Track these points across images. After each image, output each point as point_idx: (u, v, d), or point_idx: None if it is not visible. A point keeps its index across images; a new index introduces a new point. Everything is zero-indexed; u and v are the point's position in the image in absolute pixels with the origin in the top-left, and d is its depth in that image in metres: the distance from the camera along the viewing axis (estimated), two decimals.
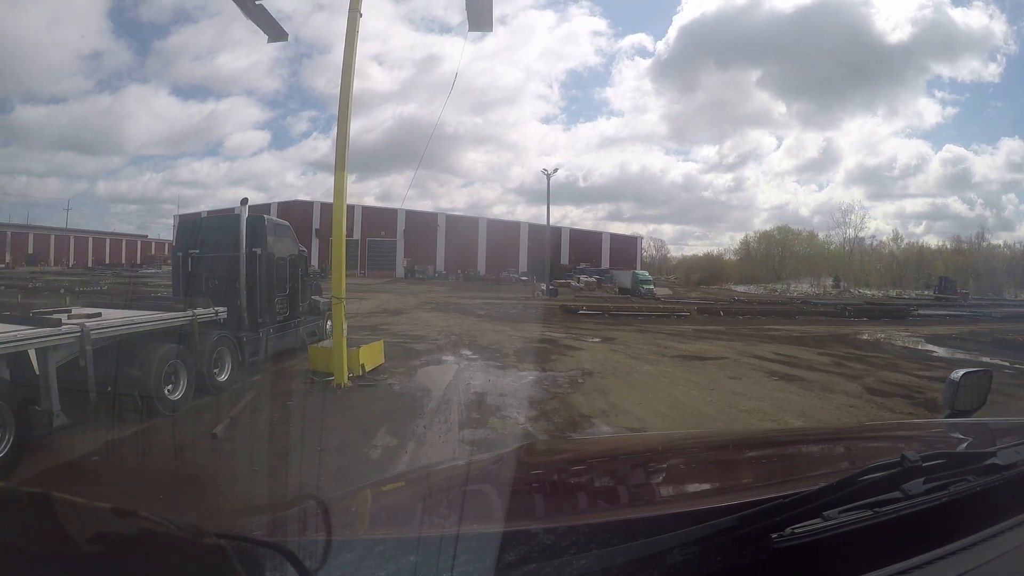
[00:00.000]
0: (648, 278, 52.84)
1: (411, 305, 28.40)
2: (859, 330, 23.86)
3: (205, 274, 10.63)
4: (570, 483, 1.72)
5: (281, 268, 11.22)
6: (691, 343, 17.06)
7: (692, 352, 15.03)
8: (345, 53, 9.73)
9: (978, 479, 1.20)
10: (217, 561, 0.80)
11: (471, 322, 20.73)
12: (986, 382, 2.45)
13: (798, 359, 14.69)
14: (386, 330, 17.32)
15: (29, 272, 48.18)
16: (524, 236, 69.99)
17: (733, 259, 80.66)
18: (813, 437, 2.62)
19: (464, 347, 14.20)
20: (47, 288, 29.28)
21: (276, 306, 11.04)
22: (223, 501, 4.67)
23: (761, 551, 0.97)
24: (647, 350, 14.88)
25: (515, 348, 14.13)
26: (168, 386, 8.01)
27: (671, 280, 69.21)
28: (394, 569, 0.97)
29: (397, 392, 9.17)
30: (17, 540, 0.79)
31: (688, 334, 19.54)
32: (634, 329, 20.41)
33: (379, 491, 1.88)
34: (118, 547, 0.80)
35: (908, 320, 29.34)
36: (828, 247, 76.88)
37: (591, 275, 58.97)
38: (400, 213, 71.41)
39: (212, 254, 10.66)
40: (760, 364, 13.55)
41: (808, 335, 21.17)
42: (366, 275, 64.39)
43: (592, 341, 16.37)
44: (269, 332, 10.66)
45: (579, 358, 12.98)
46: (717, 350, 15.66)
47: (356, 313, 23.59)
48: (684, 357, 14.04)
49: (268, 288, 10.70)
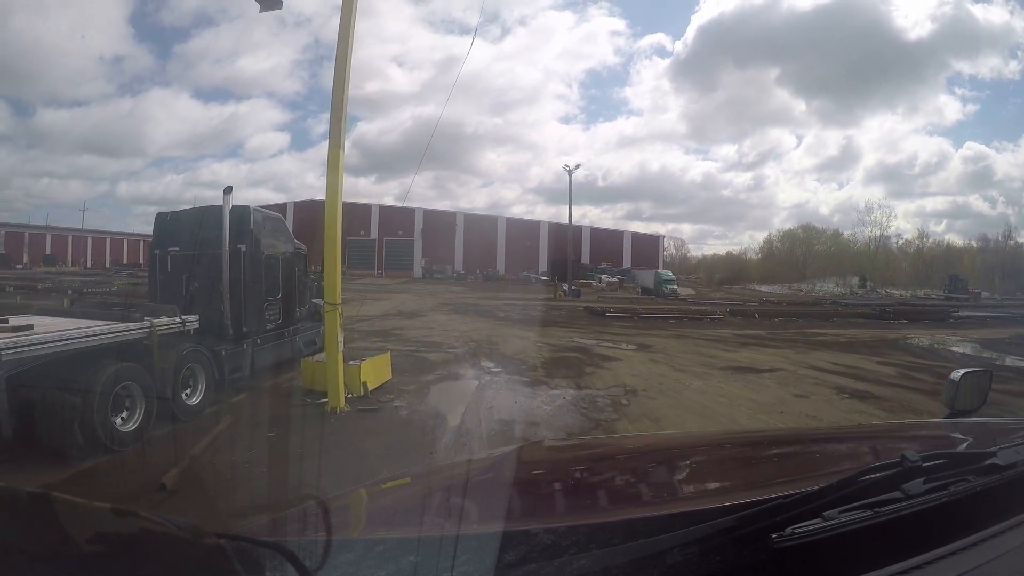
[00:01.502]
0: (671, 278, 51.52)
1: (428, 307, 26.94)
2: (905, 334, 21.92)
3: (186, 275, 9.12)
4: (570, 483, 1.69)
5: (273, 268, 9.64)
6: (736, 351, 15.25)
7: (742, 362, 13.23)
8: (342, 15, 8.12)
9: (978, 479, 1.18)
10: (217, 561, 0.80)
11: (491, 326, 19.04)
12: (986, 382, 2.45)
13: (861, 370, 12.90)
14: (398, 336, 15.79)
15: (45, 272, 48.25)
16: (544, 235, 68.92)
17: (755, 258, 79.40)
18: (813, 437, 2.54)
19: (485, 357, 12.50)
20: (54, 289, 28.62)
21: (267, 312, 9.47)
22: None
23: (761, 551, 0.96)
24: (691, 360, 13.10)
25: (543, 358, 12.41)
26: (120, 414, 6.52)
27: (693, 280, 67.21)
28: (394, 569, 0.97)
29: (404, 419, 7.51)
30: (17, 540, 0.79)
31: (729, 340, 17.73)
32: (669, 334, 18.61)
33: (379, 491, 1.85)
34: (118, 547, 0.80)
35: (949, 322, 27.69)
36: (853, 246, 75.15)
37: (613, 275, 58.26)
38: (418, 212, 70.61)
39: (193, 252, 9.15)
40: (822, 377, 11.81)
41: (857, 340, 19.46)
42: (383, 275, 63.65)
43: (627, 349, 14.58)
44: (256, 343, 9.09)
45: (617, 371, 11.23)
46: (768, 359, 13.87)
47: (369, 316, 22.19)
48: (735, 369, 12.25)
49: (255, 291, 9.13)
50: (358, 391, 8.15)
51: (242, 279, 8.83)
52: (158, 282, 9.42)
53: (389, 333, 16.33)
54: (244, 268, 8.86)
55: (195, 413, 7.42)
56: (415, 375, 10.07)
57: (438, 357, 12.11)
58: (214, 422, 7.17)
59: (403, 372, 10.03)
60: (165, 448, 6.33)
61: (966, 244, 73.54)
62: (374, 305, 27.89)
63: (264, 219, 9.61)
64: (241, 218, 9.02)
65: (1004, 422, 2.25)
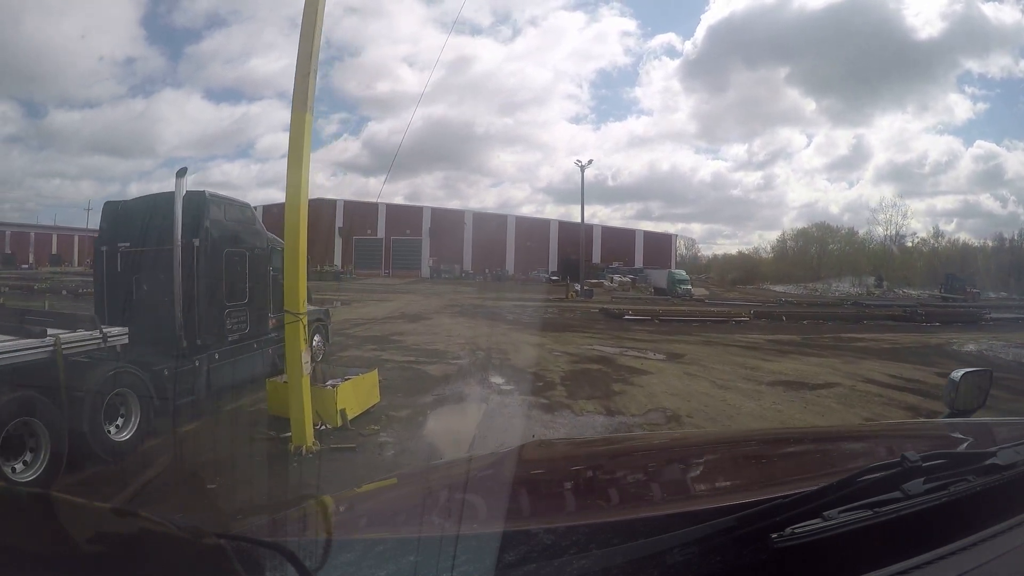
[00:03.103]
0: (685, 278, 50.38)
1: (433, 308, 25.32)
2: (946, 339, 20.05)
3: (135, 277, 7.53)
4: (570, 483, 1.70)
5: (237, 266, 7.99)
6: (776, 360, 13.47)
7: (788, 375, 11.47)
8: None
9: (978, 479, 1.17)
10: (217, 561, 0.80)
11: (501, 331, 17.30)
12: (986, 382, 2.43)
13: (923, 384, 11.07)
14: (397, 343, 14.12)
15: (50, 272, 47.77)
16: (554, 234, 67.75)
17: (768, 258, 78.25)
18: (813, 437, 2.48)
19: (494, 370, 10.75)
20: (50, 289, 27.59)
21: (228, 320, 7.83)
22: None
23: (761, 551, 0.95)
24: (732, 373, 11.32)
25: (561, 371, 10.67)
26: (20, 459, 4.98)
27: (706, 279, 65.69)
28: (394, 569, 0.97)
29: (388, 462, 5.80)
30: (17, 540, 0.79)
31: (763, 346, 15.96)
32: (698, 340, 16.84)
33: (379, 491, 1.85)
34: (118, 547, 0.80)
35: (982, 324, 26.04)
36: (868, 245, 74.06)
37: (625, 275, 57.06)
38: (426, 211, 69.53)
39: (142, 248, 7.57)
40: (886, 394, 10.10)
41: (900, 347, 17.71)
42: (391, 275, 62.49)
43: (656, 359, 12.80)
44: (214, 358, 7.47)
45: (652, 389, 9.46)
46: (816, 371, 12.10)
47: (369, 319, 20.58)
48: (785, 384, 10.50)
49: (213, 295, 7.52)
50: (334, 421, 6.50)
51: (195, 280, 7.22)
52: (104, 285, 7.82)
53: (387, 339, 14.69)
54: (198, 267, 7.24)
55: (124, 452, 5.81)
56: (410, 395, 8.38)
57: (439, 371, 10.40)
58: (146, 464, 5.56)
59: (395, 391, 8.36)
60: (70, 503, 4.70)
61: (982, 243, 72.28)
62: (377, 306, 26.32)
63: (226, 208, 7.97)
64: (196, 207, 7.41)
65: (1004, 422, 2.23)
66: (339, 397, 6.54)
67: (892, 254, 71.42)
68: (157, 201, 7.78)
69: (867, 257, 70.67)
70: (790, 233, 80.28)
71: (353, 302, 28.26)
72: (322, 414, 6.38)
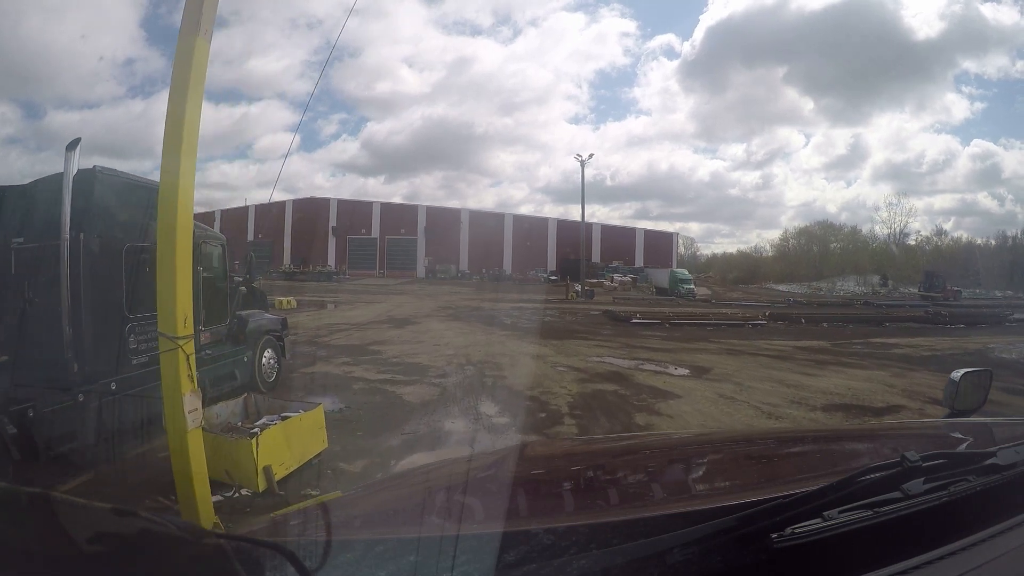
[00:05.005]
0: (688, 277, 49.28)
1: (424, 311, 23.42)
2: (982, 342, 18.30)
3: (28, 282, 5.63)
4: (570, 483, 1.67)
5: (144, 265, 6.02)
6: (817, 373, 11.55)
7: (841, 395, 9.55)
8: None
9: (978, 479, 1.16)
10: (217, 561, 0.79)
11: (497, 339, 15.34)
12: (986, 382, 2.39)
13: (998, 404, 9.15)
14: (375, 354, 12.18)
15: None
16: (552, 233, 66.34)
17: (769, 256, 78.38)
18: (813, 437, 2.45)
19: (486, 394, 8.75)
20: None
21: (131, 338, 5.90)
22: None
23: (761, 551, 0.94)
24: (774, 393, 9.37)
25: (568, 395, 8.68)
26: None
27: (707, 279, 64.44)
28: (394, 569, 0.96)
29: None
30: (17, 540, 0.78)
31: (794, 356, 14.06)
32: (719, 348, 14.91)
33: (379, 491, 1.83)
34: (118, 547, 0.78)
35: (1007, 326, 24.90)
36: (871, 243, 74.27)
37: (625, 274, 56.07)
38: (421, 210, 68.06)
39: (33, 245, 5.69)
40: None
41: (941, 353, 16.02)
42: (385, 275, 61.00)
43: (679, 375, 10.82)
44: (110, 389, 5.55)
45: (685, 420, 7.44)
46: (869, 388, 10.20)
47: (351, 324, 18.61)
48: (844, 410, 8.57)
49: (105, 305, 5.62)
50: (254, 484, 4.57)
51: (80, 286, 5.32)
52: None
53: (365, 350, 12.74)
54: (82, 268, 5.34)
55: None
56: (373, 435, 6.39)
57: (417, 395, 8.38)
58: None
59: (355, 428, 6.45)
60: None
61: (984, 242, 72.17)
62: (364, 309, 24.39)
63: (126, 190, 6.02)
64: (86, 190, 5.50)
65: (1004, 422, 2.18)
66: (260, 451, 4.57)
67: (894, 253, 71.19)
68: (48, 185, 5.86)
69: (869, 256, 70.22)
70: (792, 232, 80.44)
71: (341, 304, 26.39)
72: (235, 475, 4.47)
